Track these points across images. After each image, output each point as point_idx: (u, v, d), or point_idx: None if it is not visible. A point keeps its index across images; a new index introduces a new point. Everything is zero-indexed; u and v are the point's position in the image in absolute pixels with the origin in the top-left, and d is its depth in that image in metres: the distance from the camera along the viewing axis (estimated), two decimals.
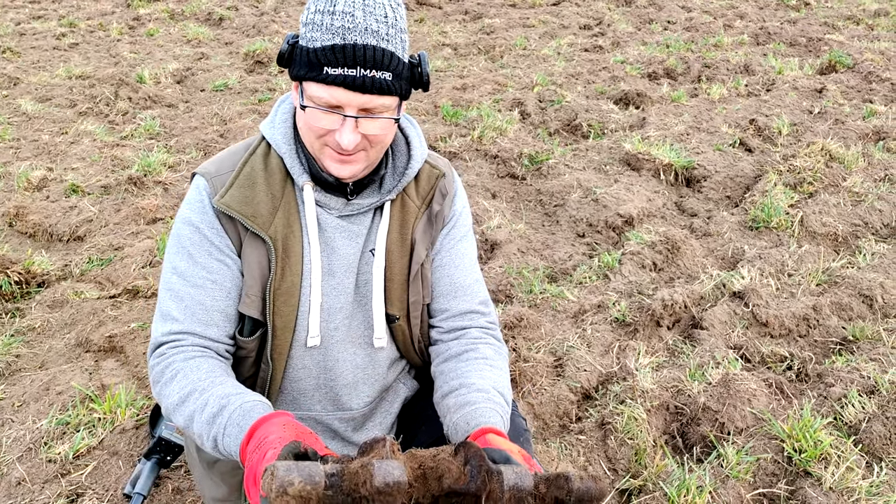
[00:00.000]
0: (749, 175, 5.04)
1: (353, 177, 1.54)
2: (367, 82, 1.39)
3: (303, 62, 1.43)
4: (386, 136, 1.51)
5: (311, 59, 1.41)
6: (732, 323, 3.34)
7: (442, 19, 11.40)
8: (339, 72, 1.38)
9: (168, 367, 1.48)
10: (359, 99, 1.41)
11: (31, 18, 10.82)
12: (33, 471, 2.51)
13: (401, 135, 1.67)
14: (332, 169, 1.51)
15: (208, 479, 1.74)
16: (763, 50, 8.81)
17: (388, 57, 1.41)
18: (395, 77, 1.44)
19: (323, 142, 1.48)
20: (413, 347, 1.73)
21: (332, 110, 1.42)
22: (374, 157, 1.53)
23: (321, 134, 1.46)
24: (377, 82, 1.40)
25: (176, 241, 1.57)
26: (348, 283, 1.63)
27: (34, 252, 4.12)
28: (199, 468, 1.79)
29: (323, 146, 1.49)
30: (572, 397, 2.89)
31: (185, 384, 1.43)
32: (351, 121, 1.43)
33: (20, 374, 3.11)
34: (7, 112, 6.64)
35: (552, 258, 4.10)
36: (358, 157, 1.50)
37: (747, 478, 2.45)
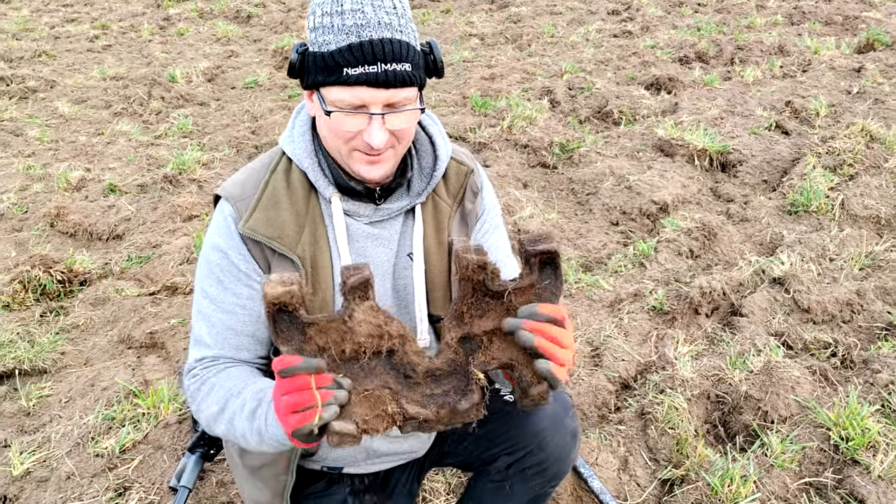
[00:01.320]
0: (786, 158, 4.94)
1: (384, 178, 1.52)
2: (390, 76, 1.38)
3: (318, 68, 1.41)
4: (411, 130, 1.50)
5: (327, 63, 1.39)
6: (773, 310, 3.28)
7: (468, 9, 11.35)
8: (359, 70, 1.36)
9: (204, 383, 1.51)
10: (383, 95, 1.39)
11: (64, 22, 11.01)
12: (82, 465, 2.57)
13: (423, 134, 1.65)
14: (364, 172, 1.49)
15: (251, 485, 1.75)
16: (798, 30, 8.62)
17: (406, 48, 1.40)
18: (415, 67, 1.43)
19: (351, 146, 1.46)
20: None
21: (356, 111, 1.41)
22: (400, 154, 1.52)
23: (349, 138, 1.44)
24: (399, 75, 1.39)
25: (206, 266, 1.57)
26: (385, 289, 1.63)
27: (75, 251, 4.20)
28: (241, 473, 1.80)
29: (351, 151, 1.47)
30: (610, 387, 2.87)
31: (222, 394, 1.47)
32: (378, 118, 1.41)
33: (66, 370, 3.18)
34: (45, 114, 6.77)
35: (586, 247, 4.07)
36: (387, 156, 1.48)
37: (793, 467, 2.41)
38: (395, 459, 1.79)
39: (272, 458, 1.65)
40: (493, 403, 1.75)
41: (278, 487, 1.68)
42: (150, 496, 2.46)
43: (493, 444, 1.75)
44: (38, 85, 7.55)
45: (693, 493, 2.34)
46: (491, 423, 1.74)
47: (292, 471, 1.65)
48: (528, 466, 1.70)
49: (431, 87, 7.17)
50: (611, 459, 2.51)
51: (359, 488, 1.82)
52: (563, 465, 1.73)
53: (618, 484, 2.44)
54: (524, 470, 1.71)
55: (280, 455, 1.64)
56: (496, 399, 1.75)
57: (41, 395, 2.98)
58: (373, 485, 1.85)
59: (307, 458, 1.75)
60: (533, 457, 1.69)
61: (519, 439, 1.69)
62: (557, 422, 1.69)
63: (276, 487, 1.68)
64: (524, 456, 1.69)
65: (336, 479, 1.81)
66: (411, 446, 1.77)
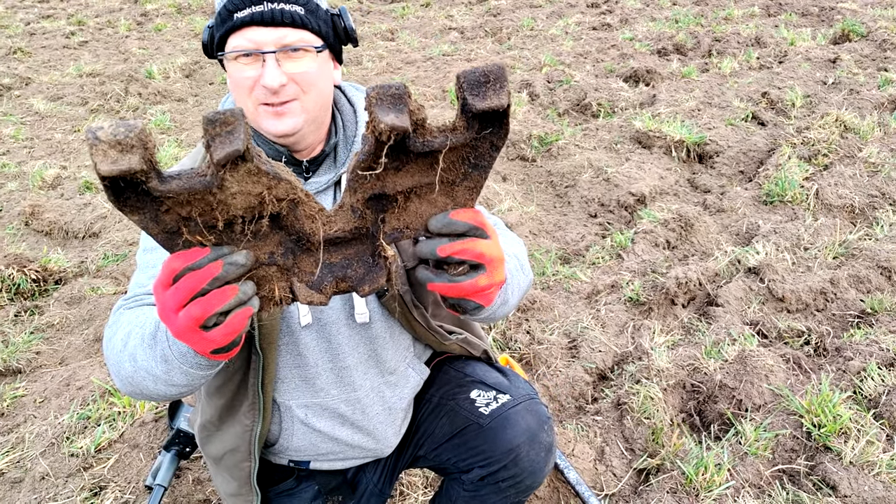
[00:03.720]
0: (762, 149, 4.98)
1: (293, 131, 1.48)
2: (277, 14, 1.40)
3: (217, 27, 1.45)
4: (318, 79, 1.47)
5: (222, 16, 1.43)
6: (748, 299, 3.31)
7: (448, 3, 11.32)
8: (247, 11, 1.39)
9: (114, 323, 1.39)
10: (273, 34, 1.40)
11: (40, 18, 10.87)
12: (56, 465, 2.55)
13: (347, 103, 1.64)
14: (271, 126, 1.46)
15: (218, 475, 1.74)
16: (774, 21, 8.67)
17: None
18: (309, 12, 1.44)
19: (255, 100, 1.44)
20: (413, 315, 1.67)
21: (252, 55, 1.42)
22: (312, 109, 1.48)
23: (250, 87, 1.44)
24: (287, 14, 1.40)
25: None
26: None
27: (50, 250, 4.16)
28: (210, 468, 1.79)
29: (256, 105, 1.45)
30: (588, 378, 2.89)
31: (126, 329, 1.33)
32: (271, 59, 1.41)
33: (41, 370, 3.15)
34: (20, 112, 6.69)
35: (564, 239, 4.08)
36: (293, 109, 1.45)
37: (766, 454, 2.43)
38: (359, 455, 1.78)
39: (234, 445, 1.64)
40: (469, 416, 1.76)
41: (242, 475, 1.67)
42: (125, 495, 2.44)
43: (466, 455, 1.73)
44: (12, 82, 7.45)
45: (668, 482, 2.36)
46: (465, 435, 1.73)
47: (254, 455, 1.63)
48: (501, 479, 1.69)
49: (412, 81, 7.15)
50: (587, 450, 2.53)
51: (328, 487, 1.82)
52: (537, 478, 1.72)
53: (594, 475, 2.46)
54: (498, 482, 1.70)
55: (240, 441, 1.62)
56: (472, 411, 1.75)
57: (15, 396, 2.95)
58: (342, 484, 1.84)
59: (270, 451, 1.74)
60: (507, 471, 1.68)
61: (493, 454, 1.68)
62: (532, 437, 1.67)
63: (240, 476, 1.67)
64: (498, 470, 1.68)
65: (305, 476, 1.80)
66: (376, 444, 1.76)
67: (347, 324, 1.63)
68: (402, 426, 1.81)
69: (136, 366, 1.26)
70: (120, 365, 1.30)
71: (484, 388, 1.79)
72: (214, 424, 1.67)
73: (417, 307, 1.67)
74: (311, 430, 1.68)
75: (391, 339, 1.71)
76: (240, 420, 1.61)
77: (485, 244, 1.06)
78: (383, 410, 1.73)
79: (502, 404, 1.72)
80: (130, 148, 0.81)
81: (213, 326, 0.98)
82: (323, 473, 1.80)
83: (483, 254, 1.06)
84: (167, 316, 0.99)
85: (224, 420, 1.64)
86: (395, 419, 1.77)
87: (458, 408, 1.77)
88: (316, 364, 1.64)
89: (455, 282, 1.07)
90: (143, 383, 1.27)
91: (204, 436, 1.72)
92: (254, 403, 1.58)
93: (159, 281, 0.98)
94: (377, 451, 1.78)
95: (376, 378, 1.71)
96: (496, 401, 1.73)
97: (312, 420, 1.67)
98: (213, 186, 0.89)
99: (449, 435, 1.77)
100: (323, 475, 1.81)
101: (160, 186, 0.86)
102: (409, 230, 1.05)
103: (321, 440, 1.70)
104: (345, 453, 1.75)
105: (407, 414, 1.83)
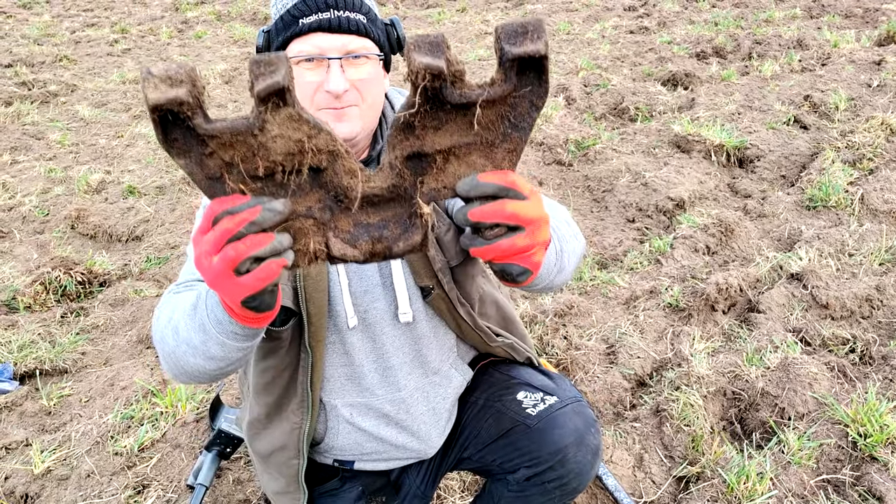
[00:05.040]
0: (805, 153, 4.89)
1: (352, 134, 1.50)
2: (343, 22, 1.43)
3: (278, 30, 1.47)
4: (375, 86, 1.50)
5: (285, 21, 1.45)
6: (791, 306, 3.25)
7: (483, 7, 11.34)
8: (313, 18, 1.42)
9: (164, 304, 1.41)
10: (338, 40, 1.43)
11: (85, 26, 11.15)
12: (101, 463, 2.60)
13: (391, 110, 1.66)
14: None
15: (265, 474, 1.77)
16: (817, 23, 8.52)
17: (359, 1, 1.46)
18: (370, 21, 1.47)
19: (316, 105, 1.47)
20: (459, 313, 1.69)
21: (316, 60, 1.44)
22: (367, 115, 1.51)
23: (312, 92, 1.46)
24: (352, 22, 1.44)
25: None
26: (368, 265, 1.62)
27: (95, 252, 4.26)
28: (257, 465, 1.82)
29: (317, 110, 1.48)
30: (626, 384, 2.86)
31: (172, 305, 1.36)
32: (336, 65, 1.44)
33: (86, 370, 3.23)
34: (66, 118, 6.87)
35: (602, 244, 4.05)
36: (352, 113, 1.48)
37: (810, 464, 2.39)
38: (403, 456, 1.79)
39: (282, 443, 1.67)
40: (516, 417, 1.76)
41: (290, 473, 1.69)
42: (167, 494, 2.49)
43: (513, 456, 1.73)
44: (59, 89, 7.66)
45: (709, 491, 2.33)
46: (512, 436, 1.73)
47: (303, 453, 1.66)
48: (548, 480, 1.69)
49: None
50: (626, 457, 2.50)
51: (371, 488, 1.83)
52: (583, 480, 1.72)
53: (633, 481, 2.43)
54: (544, 483, 1.70)
55: (288, 439, 1.65)
56: (519, 412, 1.75)
57: (62, 395, 3.03)
58: (385, 486, 1.85)
59: (315, 450, 1.76)
60: (554, 472, 1.67)
61: (540, 454, 1.67)
62: (580, 439, 1.67)
63: (288, 473, 1.70)
64: (545, 471, 1.68)
65: (349, 477, 1.82)
66: (420, 444, 1.77)
67: (392, 324, 1.65)
68: (446, 427, 1.82)
69: (178, 339, 1.27)
70: (164, 341, 1.31)
71: (531, 390, 1.78)
72: (262, 422, 1.70)
73: (463, 304, 1.69)
74: (355, 430, 1.70)
75: (435, 339, 1.72)
76: (288, 418, 1.64)
77: (519, 205, 1.00)
78: (427, 411, 1.75)
79: (549, 405, 1.72)
80: (179, 82, 0.86)
81: (245, 272, 0.98)
82: (367, 474, 1.82)
83: (517, 214, 1.00)
84: (203, 261, 1.00)
85: (272, 418, 1.67)
86: (440, 420, 1.78)
87: (504, 409, 1.78)
88: (361, 363, 1.66)
89: (491, 243, 1.02)
90: (183, 357, 1.28)
91: (252, 433, 1.75)
92: (302, 401, 1.61)
93: (199, 227, 1.00)
94: (421, 452, 1.79)
95: (420, 378, 1.73)
96: (543, 402, 1.73)
97: (357, 419, 1.69)
98: (254, 127, 0.91)
99: (495, 436, 1.77)
100: (367, 476, 1.82)
101: (205, 125, 0.90)
102: (446, 190, 1.04)
103: (366, 439, 1.72)
104: (389, 453, 1.77)
105: (451, 415, 1.84)
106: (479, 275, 1.79)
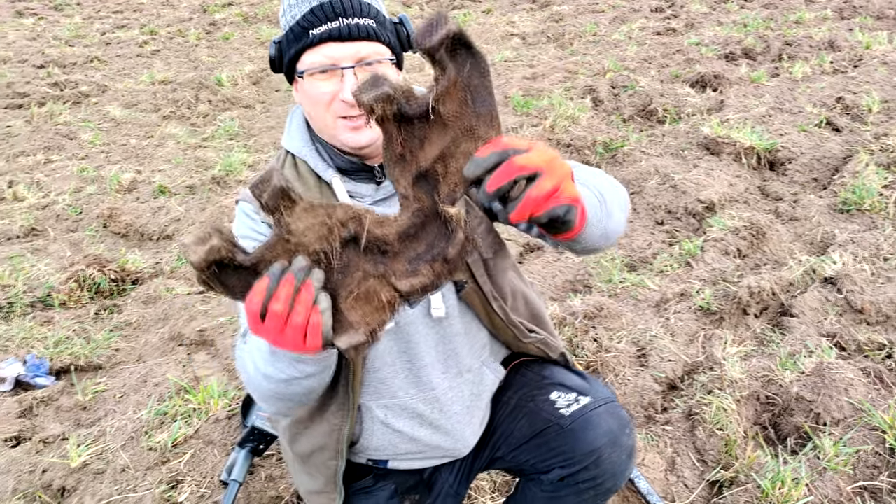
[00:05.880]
0: (837, 156, 4.82)
1: (371, 143, 1.53)
2: (353, 30, 1.43)
3: (289, 42, 1.48)
4: None
5: (295, 33, 1.46)
6: (825, 310, 3.21)
7: (509, 9, 11.32)
8: (323, 28, 1.43)
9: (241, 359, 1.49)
10: (350, 49, 1.44)
11: (115, 28, 11.30)
12: (136, 458, 2.64)
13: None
14: (350, 140, 1.51)
15: (303, 474, 1.78)
16: (848, 24, 8.39)
17: (366, 6, 1.47)
18: (380, 25, 1.48)
19: (333, 113, 1.49)
20: (492, 308, 1.69)
21: (329, 70, 1.46)
22: None
23: (328, 102, 1.48)
24: (362, 28, 1.44)
25: None
26: None
27: (127, 251, 4.31)
28: (294, 465, 1.84)
29: (335, 119, 1.50)
30: (657, 387, 2.85)
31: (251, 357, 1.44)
32: (349, 73, 1.45)
33: (120, 366, 3.27)
34: (97, 118, 6.97)
35: (630, 246, 4.03)
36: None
37: (846, 470, 2.36)
38: (437, 455, 1.79)
39: (322, 443, 1.68)
40: (550, 417, 1.76)
41: (329, 473, 1.71)
42: (201, 489, 2.51)
43: (547, 456, 1.73)
44: (90, 90, 7.77)
45: (743, 496, 2.31)
46: (546, 436, 1.73)
47: (342, 454, 1.67)
48: (582, 481, 1.69)
49: None
50: (658, 460, 2.49)
51: (404, 486, 1.84)
52: (618, 481, 1.71)
53: (665, 485, 2.42)
54: (578, 483, 1.69)
55: (328, 440, 1.67)
56: (553, 413, 1.75)
57: (96, 391, 3.07)
58: (419, 484, 1.86)
59: (351, 450, 1.77)
60: (588, 472, 1.67)
61: (574, 455, 1.67)
62: (614, 440, 1.66)
63: (327, 473, 1.71)
64: (579, 471, 1.67)
65: (383, 475, 1.83)
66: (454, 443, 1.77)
67: (424, 321, 1.65)
68: (479, 426, 1.82)
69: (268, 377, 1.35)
70: (259, 386, 1.40)
71: (564, 390, 1.78)
72: (304, 422, 1.71)
73: (496, 299, 1.69)
74: (390, 430, 1.71)
75: (467, 336, 1.72)
76: (328, 419, 1.65)
77: (522, 157, 1.02)
78: (461, 409, 1.75)
79: (583, 406, 1.71)
80: (209, 236, 1.00)
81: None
82: (400, 473, 1.83)
83: (524, 165, 1.02)
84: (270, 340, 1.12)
85: (313, 419, 1.69)
86: (473, 419, 1.79)
87: (537, 409, 1.77)
88: (393, 364, 1.67)
89: (521, 198, 1.03)
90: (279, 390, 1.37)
91: (292, 433, 1.76)
92: (343, 403, 1.62)
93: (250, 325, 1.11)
94: (455, 452, 1.79)
95: (454, 377, 1.73)
96: (577, 402, 1.73)
97: (392, 420, 1.70)
98: (282, 234, 1.05)
99: (529, 436, 1.77)
100: (400, 474, 1.83)
101: (246, 257, 1.05)
102: (458, 186, 1.10)
103: (400, 440, 1.72)
104: (423, 453, 1.77)
105: (485, 414, 1.84)
106: (511, 269, 1.79)
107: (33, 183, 5.34)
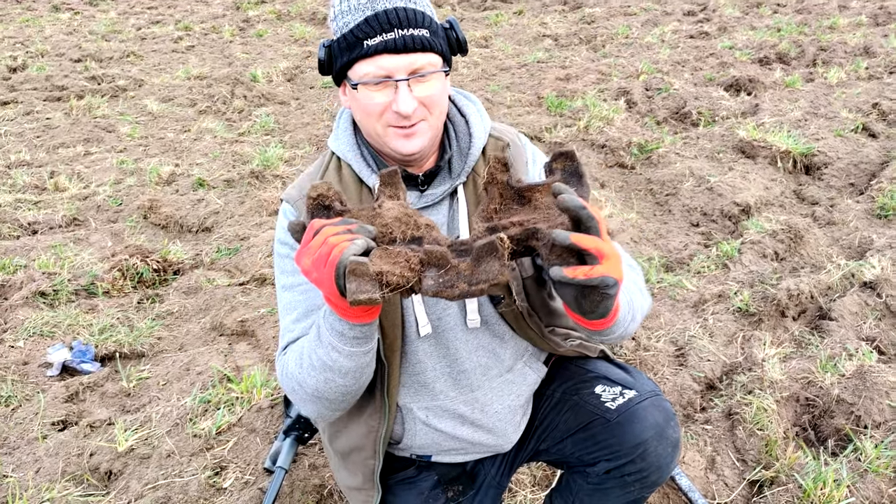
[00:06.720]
0: (874, 161, 4.79)
1: (421, 151, 1.54)
2: (408, 41, 1.43)
3: (341, 50, 1.48)
4: (441, 99, 1.53)
5: (348, 41, 1.45)
6: (864, 314, 3.20)
7: (541, 10, 11.33)
8: (378, 39, 1.42)
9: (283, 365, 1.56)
10: (404, 60, 1.44)
11: (150, 24, 11.46)
12: (181, 444, 2.70)
13: (459, 114, 1.68)
14: (400, 146, 1.52)
15: (343, 469, 1.81)
16: (883, 30, 8.32)
17: (420, 15, 1.46)
18: (433, 34, 1.47)
19: (384, 122, 1.50)
20: (527, 323, 1.70)
21: (383, 82, 1.46)
22: (434, 126, 1.55)
23: (380, 112, 1.49)
24: (417, 40, 1.43)
25: (278, 262, 1.65)
26: None
27: (168, 242, 4.39)
28: (334, 461, 1.87)
29: (385, 127, 1.51)
30: (696, 387, 2.86)
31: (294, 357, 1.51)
32: (404, 85, 1.45)
33: (162, 355, 3.34)
34: (135, 112, 7.08)
35: (666, 248, 4.04)
36: (421, 129, 1.51)
37: (888, 473, 2.35)
38: (480, 451, 1.82)
39: (360, 444, 1.71)
40: (595, 410, 1.79)
41: (367, 471, 1.74)
42: (245, 476, 2.56)
43: (592, 449, 1.74)
44: (127, 84, 7.89)
45: (784, 495, 2.31)
46: (591, 429, 1.73)
47: (379, 454, 1.70)
48: (627, 474, 1.69)
49: (507, 88, 7.20)
50: (697, 458, 2.50)
51: (447, 477, 1.86)
52: (663, 474, 1.71)
53: (705, 483, 2.43)
54: (623, 476, 1.70)
55: (366, 441, 1.69)
56: (598, 406, 1.77)
57: (140, 378, 3.14)
58: (461, 475, 1.89)
59: (395, 447, 1.80)
60: (634, 465, 1.67)
61: (620, 448, 1.68)
62: (660, 432, 1.67)
63: (365, 471, 1.74)
64: (625, 464, 1.68)
65: (426, 467, 1.86)
66: (497, 440, 1.80)
67: (463, 329, 1.68)
68: (521, 422, 1.84)
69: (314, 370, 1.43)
70: (304, 384, 1.47)
71: (608, 384, 1.79)
72: (343, 423, 1.75)
73: (532, 315, 1.70)
74: (432, 430, 1.74)
75: (506, 341, 1.75)
76: (366, 421, 1.69)
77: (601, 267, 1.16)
78: (502, 408, 1.76)
79: (629, 399, 1.72)
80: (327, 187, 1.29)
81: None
82: (443, 465, 1.85)
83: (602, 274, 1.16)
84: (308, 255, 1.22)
85: (352, 419, 1.72)
86: (515, 416, 1.80)
87: (582, 402, 1.78)
88: (434, 368, 1.69)
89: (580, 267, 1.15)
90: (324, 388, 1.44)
91: (332, 432, 1.80)
92: (379, 407, 1.66)
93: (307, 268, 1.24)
94: (498, 447, 1.81)
95: (495, 378, 1.75)
96: (622, 396, 1.74)
97: (433, 421, 1.73)
98: (375, 206, 1.30)
99: (574, 429, 1.78)
100: (443, 466, 1.85)
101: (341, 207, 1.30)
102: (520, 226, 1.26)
103: (443, 439, 1.75)
104: (466, 449, 1.80)
105: (526, 410, 1.85)
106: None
107: (74, 174, 5.44)
